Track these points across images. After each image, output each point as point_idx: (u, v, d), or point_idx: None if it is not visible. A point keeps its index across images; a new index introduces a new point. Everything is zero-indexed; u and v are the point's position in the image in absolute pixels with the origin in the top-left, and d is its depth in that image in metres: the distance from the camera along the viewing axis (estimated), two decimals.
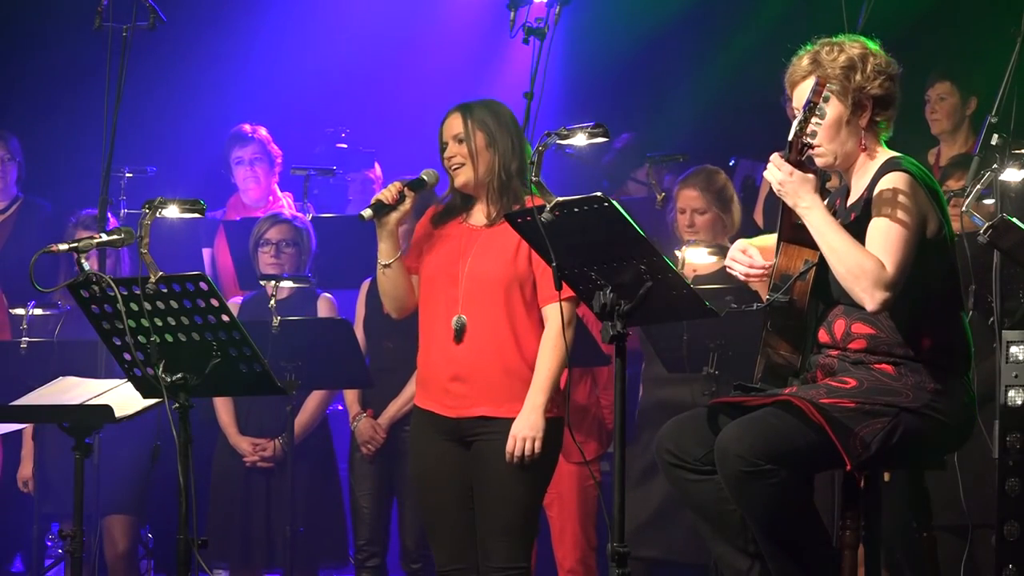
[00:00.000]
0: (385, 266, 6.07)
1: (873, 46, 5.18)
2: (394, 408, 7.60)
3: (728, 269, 5.41)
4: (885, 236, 4.97)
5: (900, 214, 4.98)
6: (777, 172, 5.02)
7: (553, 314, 5.89)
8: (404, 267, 6.09)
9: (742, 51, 9.43)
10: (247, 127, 9.11)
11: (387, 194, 6.01)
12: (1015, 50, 6.18)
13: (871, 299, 4.93)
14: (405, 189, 6.00)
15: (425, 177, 6.09)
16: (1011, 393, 5.78)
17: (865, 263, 4.93)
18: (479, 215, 6.07)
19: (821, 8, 7.33)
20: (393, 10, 10.09)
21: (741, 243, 5.37)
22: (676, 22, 9.68)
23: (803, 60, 5.20)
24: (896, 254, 4.95)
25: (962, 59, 8.09)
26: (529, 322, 5.98)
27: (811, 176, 5.03)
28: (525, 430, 5.84)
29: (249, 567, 7.86)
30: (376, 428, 7.70)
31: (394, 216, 6.01)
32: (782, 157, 5.04)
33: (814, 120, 4.99)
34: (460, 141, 6.03)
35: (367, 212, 5.99)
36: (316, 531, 7.77)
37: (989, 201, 6.12)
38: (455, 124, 6.05)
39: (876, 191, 5.05)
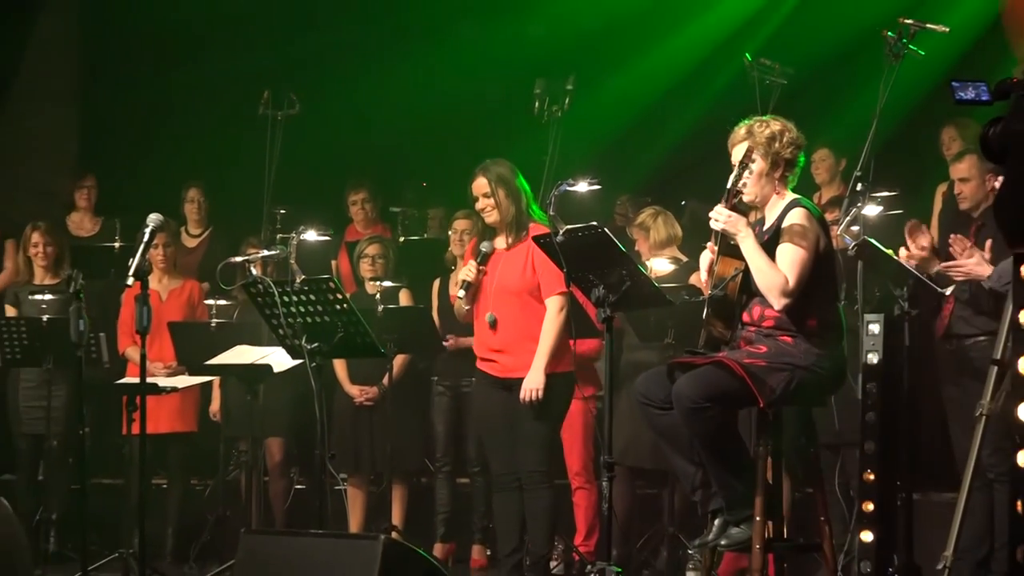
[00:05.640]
0: (468, 309, 6.09)
1: (790, 124, 5.19)
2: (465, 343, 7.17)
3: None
4: (791, 259, 4.99)
5: (801, 241, 5.01)
6: (720, 215, 5.05)
7: (550, 305, 5.94)
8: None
9: (691, 122, 9.34)
10: (359, 181, 9.05)
11: (470, 274, 6.01)
12: (872, 128, 6.18)
13: (777, 303, 4.99)
14: (479, 267, 6.01)
15: (484, 249, 6.06)
16: (870, 355, 5.76)
17: (776, 279, 4.97)
18: (501, 242, 6.07)
19: (743, 93, 7.31)
20: (454, 96, 9.96)
21: (705, 254, 5.31)
22: (649, 103, 9.62)
23: (741, 130, 5.20)
24: (795, 271, 4.97)
25: (836, 130, 7.97)
26: (539, 313, 5.97)
27: (742, 217, 5.07)
28: (529, 384, 5.91)
29: (360, 473, 7.74)
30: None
31: (474, 287, 6.04)
32: (722, 203, 5.06)
33: (745, 175, 5.05)
34: (487, 196, 6.02)
35: (462, 293, 6.03)
36: (405, 448, 7.65)
37: (855, 228, 6.08)
38: (482, 184, 6.05)
39: (785, 223, 5.06)
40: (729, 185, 5.05)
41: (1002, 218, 3.45)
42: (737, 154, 5.13)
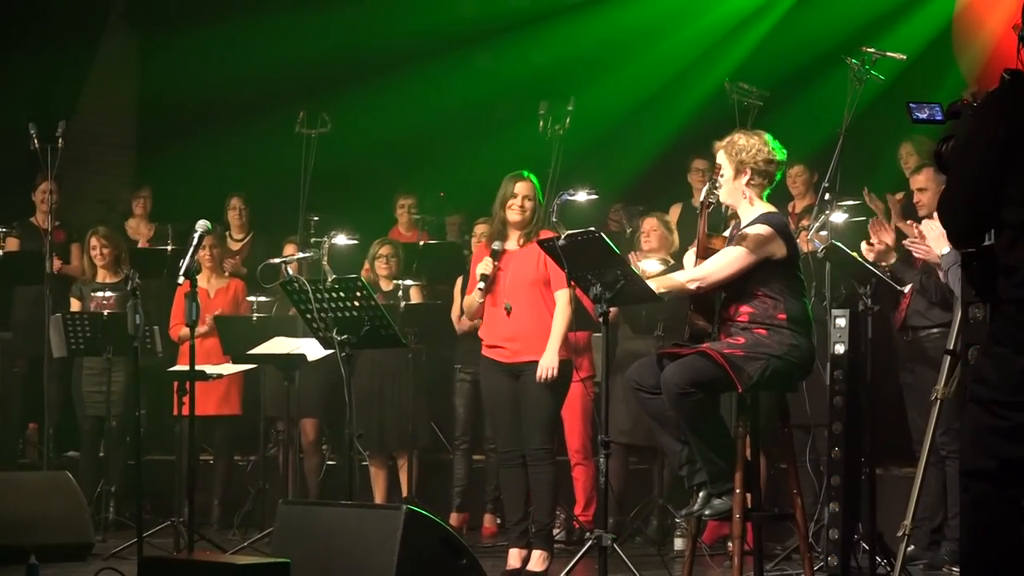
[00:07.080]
0: (480, 302, 6.01)
1: (768, 137, 5.10)
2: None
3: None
4: (728, 257, 4.97)
5: (748, 245, 4.94)
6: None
7: (560, 297, 5.92)
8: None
9: (675, 137, 9.30)
10: (407, 189, 9.06)
11: (488, 268, 5.94)
12: (839, 144, 6.14)
13: (691, 289, 5.01)
14: (494, 263, 5.95)
15: (497, 248, 5.99)
16: (837, 346, 5.72)
17: (675, 283, 5.08)
18: (512, 242, 6.03)
19: (723, 114, 7.25)
20: (468, 116, 9.92)
21: (688, 255, 5.29)
22: (638, 118, 9.57)
23: (724, 139, 5.14)
24: (728, 267, 4.94)
25: (806, 146, 7.82)
26: (549, 303, 5.95)
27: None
28: (546, 363, 5.84)
29: (384, 450, 7.66)
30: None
31: (490, 279, 5.97)
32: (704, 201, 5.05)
33: (715, 189, 5.05)
34: (528, 198, 5.97)
35: (482, 285, 5.95)
36: (419, 428, 7.60)
37: (823, 232, 6.06)
38: (529, 186, 6.00)
39: (745, 231, 5.02)
40: (701, 199, 5.09)
41: (943, 219, 3.45)
42: (719, 158, 5.12)
